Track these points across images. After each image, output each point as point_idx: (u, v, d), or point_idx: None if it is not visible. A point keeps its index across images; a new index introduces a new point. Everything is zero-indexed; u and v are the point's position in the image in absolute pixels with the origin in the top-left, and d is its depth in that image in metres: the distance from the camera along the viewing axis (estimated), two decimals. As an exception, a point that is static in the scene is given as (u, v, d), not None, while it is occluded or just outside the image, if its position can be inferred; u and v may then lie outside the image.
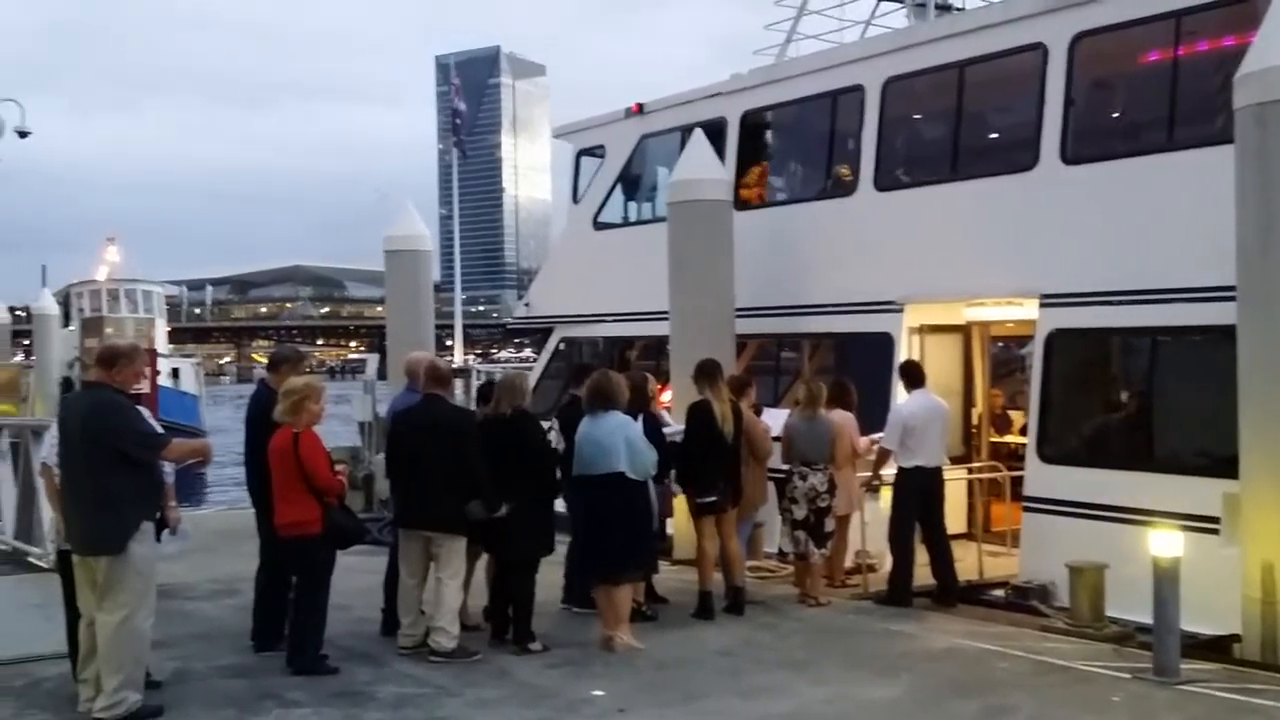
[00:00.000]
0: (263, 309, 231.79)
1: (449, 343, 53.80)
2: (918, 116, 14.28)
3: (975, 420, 13.63)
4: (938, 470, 10.66)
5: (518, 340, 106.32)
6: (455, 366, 19.24)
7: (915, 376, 10.91)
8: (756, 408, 11.14)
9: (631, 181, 17.53)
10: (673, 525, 11.15)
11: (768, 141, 16.02)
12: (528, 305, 19.64)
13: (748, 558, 10.88)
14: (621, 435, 8.59)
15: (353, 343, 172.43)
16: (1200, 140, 10.34)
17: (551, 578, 9.50)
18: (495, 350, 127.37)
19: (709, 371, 9.99)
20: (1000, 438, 13.97)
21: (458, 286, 54.46)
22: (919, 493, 10.50)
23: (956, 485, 11.79)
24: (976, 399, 13.63)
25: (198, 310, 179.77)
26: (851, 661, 8.37)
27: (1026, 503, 11.31)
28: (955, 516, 11.50)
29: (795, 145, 16.22)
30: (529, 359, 53.06)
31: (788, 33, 16.08)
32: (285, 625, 8.26)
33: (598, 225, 17.75)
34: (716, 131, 14.84)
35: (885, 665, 8.24)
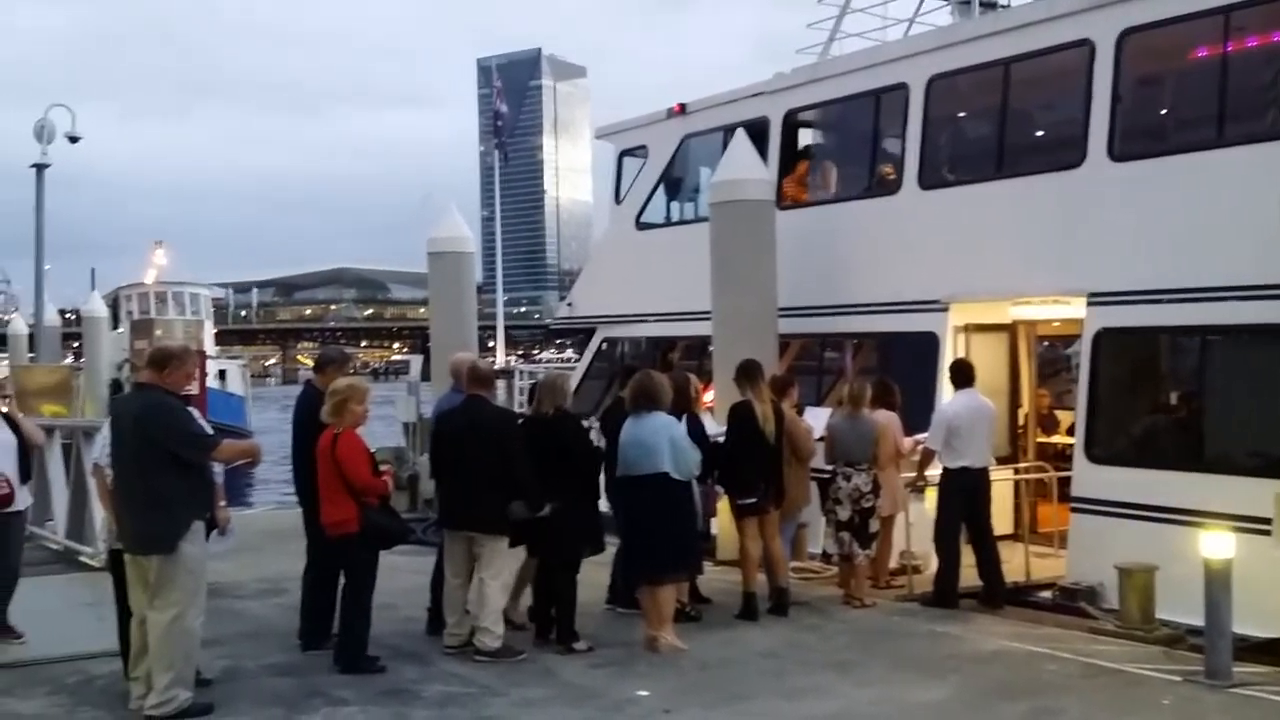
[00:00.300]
0: (307, 311, 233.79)
1: (491, 344, 53.99)
2: (962, 114, 14.18)
3: (1021, 420, 13.51)
4: (984, 471, 10.57)
5: (559, 341, 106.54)
6: (498, 368, 19.31)
7: (964, 376, 10.82)
8: (799, 407, 11.09)
9: (674, 181, 17.51)
10: (717, 526, 11.13)
11: (811, 140, 15.96)
12: (570, 305, 19.69)
13: (792, 559, 10.86)
14: (665, 435, 8.58)
15: (396, 344, 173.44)
16: (1250, 136, 10.22)
17: (596, 578, 9.52)
18: (537, 351, 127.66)
19: (750, 372, 9.96)
20: (1047, 438, 13.84)
21: (499, 288, 54.65)
22: (965, 493, 10.42)
23: (1003, 486, 11.69)
24: (1023, 399, 13.50)
25: (244, 312, 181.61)
26: (897, 663, 8.32)
27: (1074, 503, 11.19)
28: (1002, 517, 11.39)
29: (838, 144, 16.16)
30: (570, 360, 53.14)
31: (830, 31, 16.02)
32: (332, 624, 8.33)
33: (640, 225, 17.75)
34: (759, 131, 14.80)
35: (931, 667, 8.18)
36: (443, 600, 8.76)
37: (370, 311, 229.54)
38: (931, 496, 10.79)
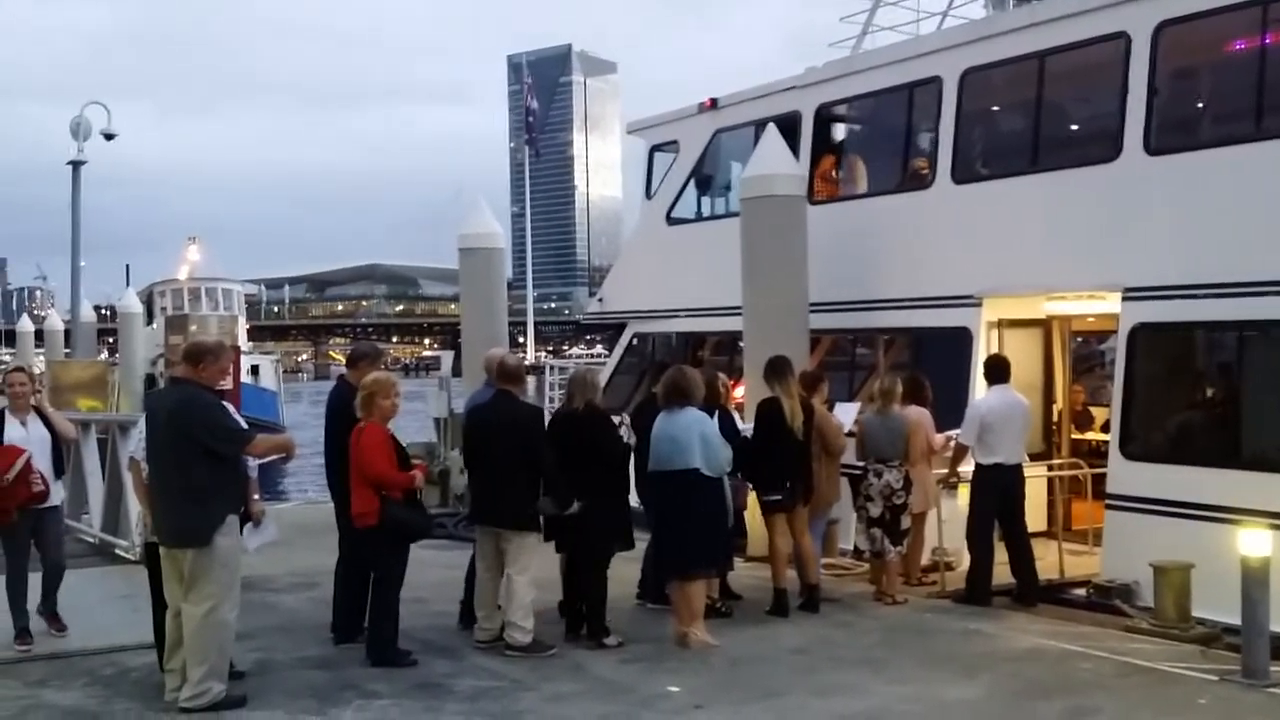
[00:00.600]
0: (339, 307, 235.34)
1: (521, 339, 54.12)
2: (996, 108, 14.08)
3: (1056, 416, 13.41)
4: (1018, 467, 10.50)
5: (589, 336, 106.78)
6: (528, 363, 19.34)
7: (999, 371, 10.74)
8: (829, 403, 11.04)
9: (705, 177, 17.49)
10: (747, 521, 11.10)
11: (843, 135, 15.90)
12: (601, 301, 19.71)
13: (823, 555, 10.82)
14: (697, 431, 8.56)
15: (426, 340, 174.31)
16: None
17: (627, 573, 9.51)
18: (567, 347, 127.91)
19: (779, 368, 9.92)
20: (1081, 434, 13.74)
21: (529, 283, 54.70)
22: (998, 490, 10.35)
23: (1037, 483, 11.61)
24: (1057, 395, 13.41)
25: (276, 308, 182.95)
26: (930, 661, 8.27)
27: (1109, 500, 11.10)
28: (1035, 514, 11.31)
29: (871, 138, 16.09)
30: (600, 355, 53.21)
31: (863, 25, 15.94)
32: (365, 618, 8.37)
33: (671, 220, 17.75)
34: (790, 125, 14.76)
35: (964, 665, 8.13)
36: (474, 594, 8.78)
37: (401, 307, 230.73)
38: (964, 493, 10.73)
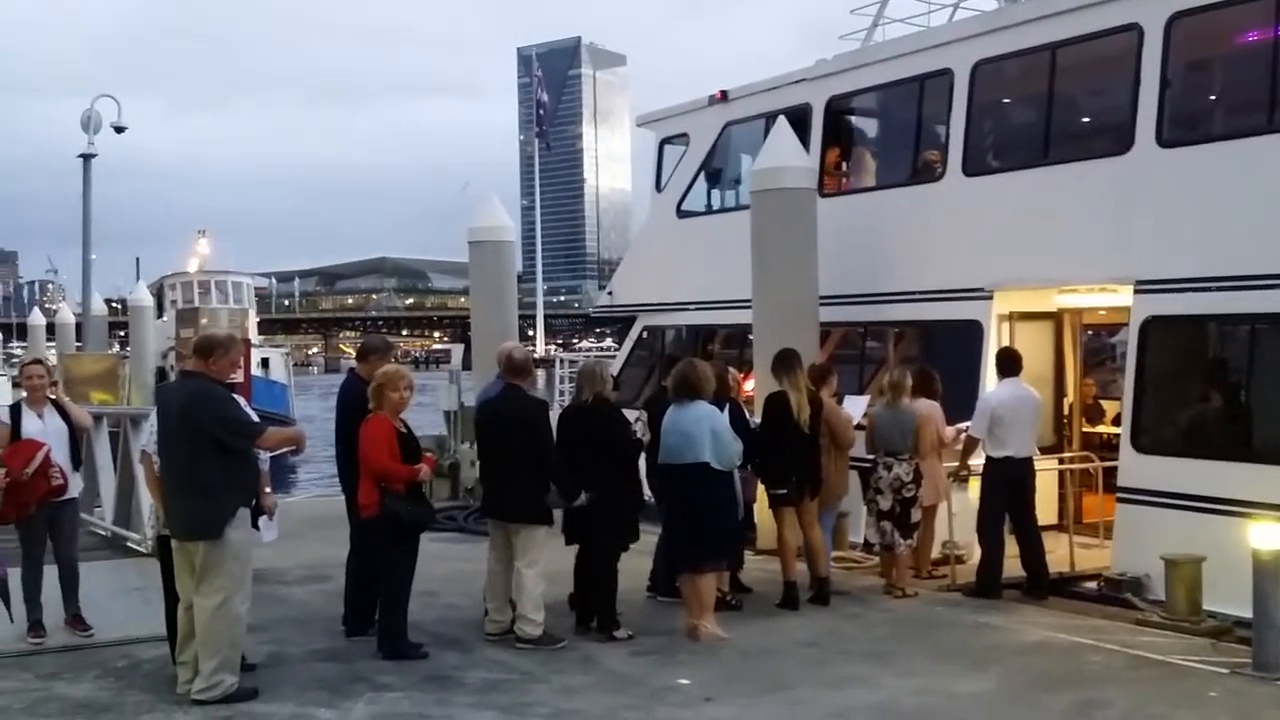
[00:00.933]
0: (349, 300, 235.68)
1: (531, 333, 54.17)
2: (1008, 100, 14.01)
3: (1066, 410, 13.36)
4: (1028, 460, 10.48)
5: (599, 330, 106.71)
6: (538, 356, 19.36)
7: (1009, 365, 10.71)
8: (838, 396, 11.03)
9: (715, 169, 17.45)
10: (757, 514, 11.10)
11: (853, 127, 15.85)
12: (610, 294, 19.69)
13: (833, 548, 10.81)
14: (707, 425, 8.57)
15: (436, 333, 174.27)
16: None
17: (637, 566, 9.52)
18: (576, 340, 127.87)
19: (787, 361, 9.91)
20: (1092, 427, 13.68)
21: (539, 277, 54.92)
22: (1009, 483, 10.34)
23: (1048, 476, 11.58)
24: (1068, 388, 13.35)
25: (286, 302, 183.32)
26: (940, 654, 8.27)
27: (1120, 493, 11.06)
28: (1046, 507, 11.30)
29: (881, 131, 16.04)
30: (610, 349, 53.19)
31: (874, 17, 15.88)
32: (376, 611, 8.39)
33: (681, 213, 17.71)
34: (801, 118, 14.71)
35: (975, 658, 8.13)
36: (485, 587, 8.80)
37: (411, 301, 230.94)
38: (975, 486, 10.71)
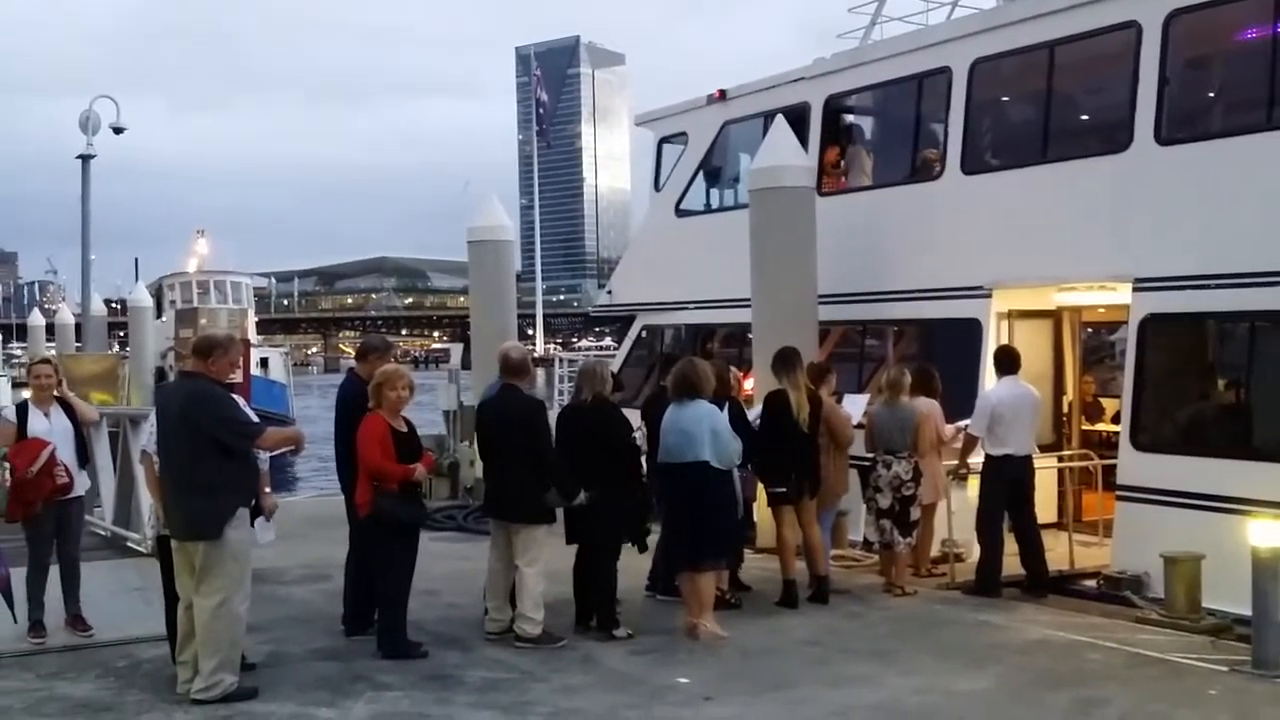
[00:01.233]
0: (348, 300, 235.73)
1: (530, 332, 54.15)
2: (1006, 98, 14.02)
3: (1066, 408, 13.37)
4: (1027, 459, 10.49)
5: (598, 329, 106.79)
6: (537, 355, 19.36)
7: (1009, 362, 10.72)
8: (837, 395, 11.02)
9: (714, 168, 17.46)
10: (757, 512, 11.10)
11: (852, 126, 15.85)
12: (610, 293, 19.69)
13: (832, 547, 10.81)
14: (707, 424, 8.57)
15: (436, 333, 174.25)
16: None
17: (637, 565, 9.52)
18: (576, 339, 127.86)
19: (787, 360, 9.91)
20: (1092, 425, 13.68)
21: (538, 276, 54.89)
22: (1008, 481, 10.35)
23: (1047, 474, 11.58)
24: (1067, 386, 13.35)
25: (285, 301, 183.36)
26: (940, 652, 8.27)
27: (1120, 491, 11.07)
28: (1046, 505, 11.30)
29: (880, 129, 16.03)
30: (610, 348, 53.21)
31: (872, 15, 15.88)
32: (376, 610, 8.39)
33: (680, 212, 17.71)
34: (799, 117, 14.71)
35: (974, 656, 8.13)
36: (486, 586, 8.80)
37: (410, 300, 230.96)
38: (974, 484, 10.71)
